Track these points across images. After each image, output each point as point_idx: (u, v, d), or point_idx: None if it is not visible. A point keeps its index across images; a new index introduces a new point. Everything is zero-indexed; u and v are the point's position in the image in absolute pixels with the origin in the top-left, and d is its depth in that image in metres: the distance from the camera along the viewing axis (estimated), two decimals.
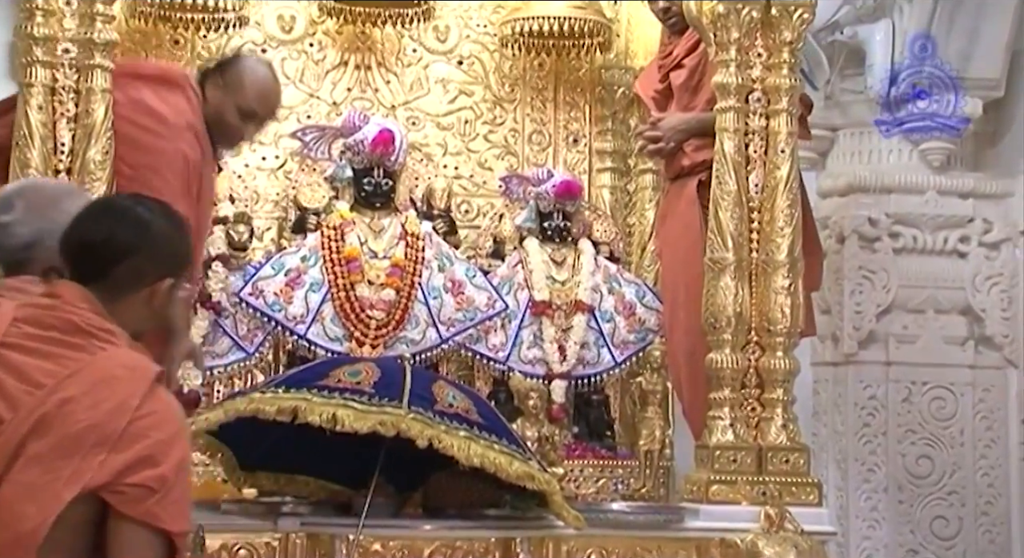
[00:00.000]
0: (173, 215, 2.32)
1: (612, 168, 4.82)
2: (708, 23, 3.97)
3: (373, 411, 3.22)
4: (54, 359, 2.04)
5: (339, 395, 3.25)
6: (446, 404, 3.32)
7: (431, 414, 3.26)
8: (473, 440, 3.26)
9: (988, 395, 5.09)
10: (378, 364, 3.46)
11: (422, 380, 3.40)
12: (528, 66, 4.84)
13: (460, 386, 3.57)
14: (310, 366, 3.67)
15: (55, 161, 3.55)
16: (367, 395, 3.25)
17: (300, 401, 3.24)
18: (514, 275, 4.50)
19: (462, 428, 3.27)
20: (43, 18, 3.57)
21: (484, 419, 3.35)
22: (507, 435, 3.39)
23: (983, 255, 5.12)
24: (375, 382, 3.30)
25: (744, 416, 3.90)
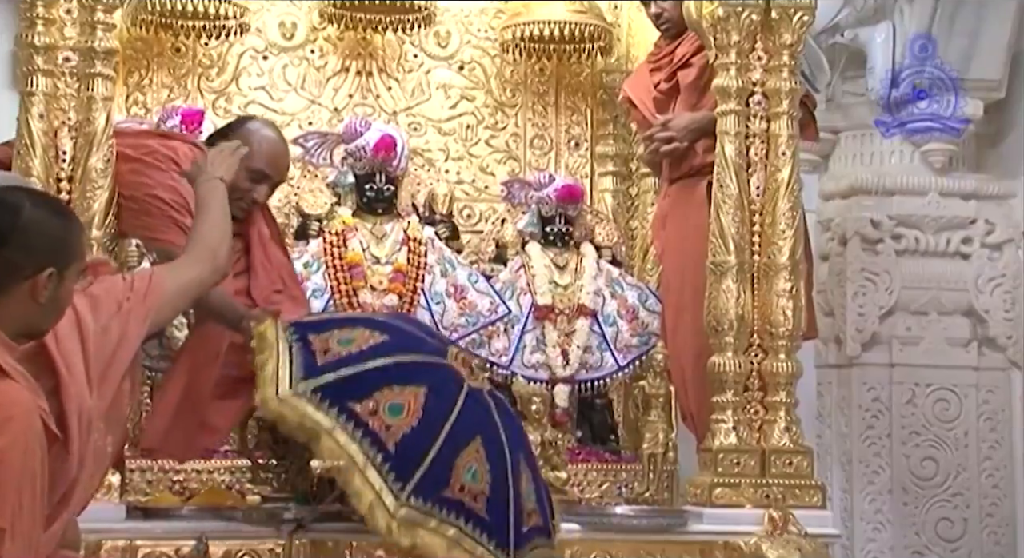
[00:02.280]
0: (50, 201, 2.31)
1: (614, 172, 4.83)
2: (708, 26, 3.97)
3: (371, 487, 3.04)
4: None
5: (361, 440, 3.05)
6: (457, 488, 3.09)
7: (430, 503, 3.06)
8: (456, 543, 3.06)
9: (992, 396, 5.09)
10: (428, 392, 3.16)
11: (455, 444, 3.12)
12: (529, 71, 4.85)
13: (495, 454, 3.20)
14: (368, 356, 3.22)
15: (56, 169, 3.55)
16: (384, 456, 3.05)
17: (322, 428, 3.06)
18: (516, 280, 4.50)
19: (454, 525, 3.07)
20: (44, 27, 3.57)
21: (489, 510, 3.11)
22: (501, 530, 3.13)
23: (986, 256, 5.13)
24: (405, 435, 3.07)
25: (747, 419, 3.90)
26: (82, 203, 3.52)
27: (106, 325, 2.47)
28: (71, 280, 2.29)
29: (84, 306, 2.43)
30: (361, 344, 3.21)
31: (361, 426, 3.06)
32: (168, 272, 2.83)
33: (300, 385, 3.11)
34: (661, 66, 4.37)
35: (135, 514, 3.60)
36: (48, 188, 3.49)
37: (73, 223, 2.32)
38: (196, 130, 4.17)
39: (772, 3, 3.93)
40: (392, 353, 3.20)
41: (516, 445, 3.28)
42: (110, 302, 2.51)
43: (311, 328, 3.29)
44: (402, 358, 3.21)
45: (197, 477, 4.03)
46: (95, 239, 3.51)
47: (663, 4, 4.31)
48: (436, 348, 3.31)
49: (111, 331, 2.48)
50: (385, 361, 3.18)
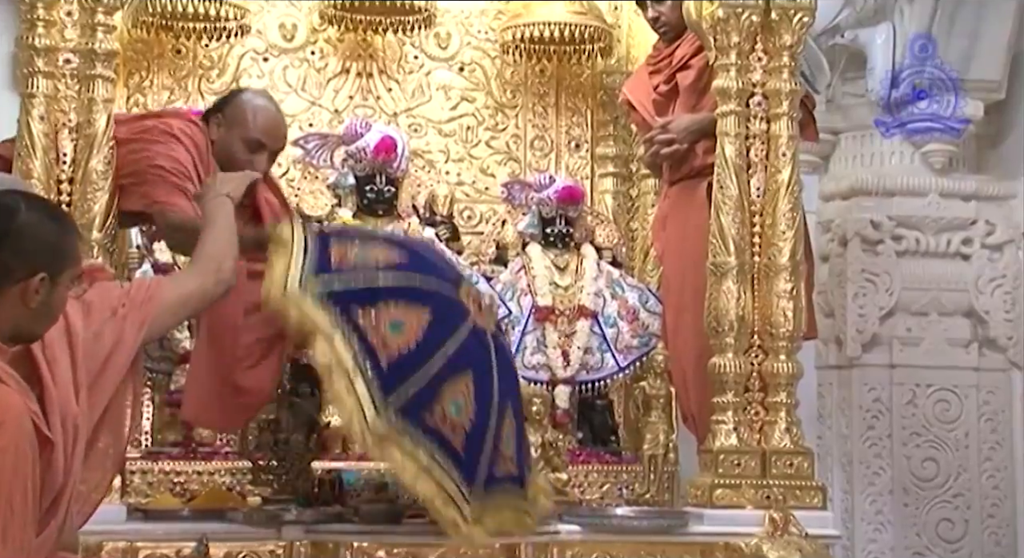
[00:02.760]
0: (46, 206, 2.30)
1: (614, 173, 4.83)
2: (708, 27, 3.97)
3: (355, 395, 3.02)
4: None
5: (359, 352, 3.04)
6: (439, 417, 3.10)
7: (409, 424, 3.06)
8: (425, 472, 3.07)
9: (992, 397, 5.09)
10: (432, 317, 3.14)
11: (447, 371, 3.12)
12: (529, 72, 4.85)
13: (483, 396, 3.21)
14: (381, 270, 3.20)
15: (57, 171, 3.55)
16: (376, 370, 3.03)
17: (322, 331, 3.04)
18: (517, 281, 4.50)
19: (427, 452, 3.06)
20: (44, 29, 3.58)
21: (465, 446, 3.12)
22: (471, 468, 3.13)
23: (986, 257, 5.13)
24: (401, 354, 3.07)
25: (748, 420, 3.90)
26: (82, 205, 3.53)
27: (98, 331, 2.47)
28: (64, 286, 2.28)
29: (75, 311, 2.42)
30: (380, 258, 3.21)
31: (360, 336, 3.05)
32: (169, 281, 2.84)
33: (309, 285, 3.08)
34: (660, 68, 4.37)
35: (136, 515, 3.60)
36: (48, 190, 3.50)
37: (68, 228, 2.32)
38: None
39: (772, 4, 3.93)
40: (406, 271, 3.20)
41: (507, 391, 3.29)
42: (104, 308, 2.50)
43: (335, 234, 3.30)
44: (415, 281, 3.20)
45: (198, 479, 4.04)
46: (95, 241, 3.51)
47: (660, 8, 4.31)
48: (451, 278, 3.31)
49: (104, 337, 2.47)
50: (397, 280, 3.17)
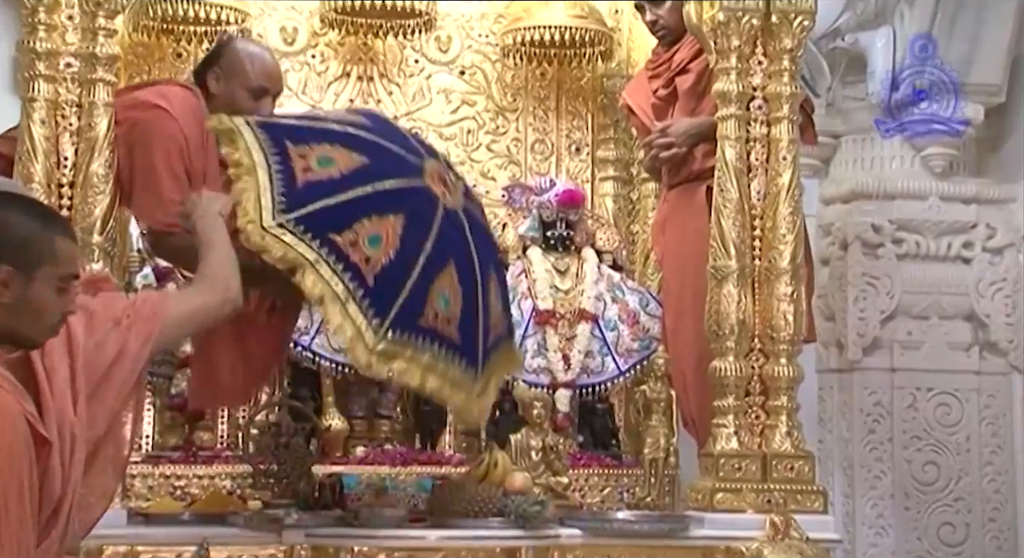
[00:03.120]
0: (31, 204, 2.29)
1: (615, 177, 4.83)
2: (708, 31, 3.97)
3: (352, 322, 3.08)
4: None
5: (343, 273, 3.08)
6: (431, 316, 3.19)
7: (406, 335, 3.13)
8: (429, 369, 3.18)
9: (993, 401, 5.09)
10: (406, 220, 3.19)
11: (431, 272, 3.19)
12: (530, 76, 4.85)
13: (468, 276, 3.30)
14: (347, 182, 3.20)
15: (58, 175, 3.55)
16: (364, 290, 3.09)
17: (305, 262, 3.06)
18: (517, 284, 4.50)
19: (428, 351, 3.17)
20: (45, 33, 3.57)
21: (460, 332, 3.23)
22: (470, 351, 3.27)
23: (987, 261, 5.13)
24: (383, 267, 3.12)
25: (748, 424, 3.90)
26: (83, 208, 3.53)
27: (101, 341, 2.45)
28: (44, 284, 2.26)
29: (77, 321, 2.41)
30: (342, 167, 3.21)
31: (343, 259, 3.09)
32: (176, 297, 2.83)
33: (281, 216, 3.09)
34: (659, 73, 4.38)
35: (136, 520, 3.60)
36: (49, 194, 3.50)
37: (51, 227, 2.29)
38: None
39: (772, 8, 3.93)
40: (372, 180, 3.21)
41: (486, 260, 3.38)
42: (107, 318, 2.49)
43: (287, 133, 3.26)
44: (381, 185, 3.22)
45: (198, 483, 4.03)
46: (96, 244, 3.51)
47: (658, 11, 4.32)
48: (414, 167, 3.32)
49: (106, 347, 2.46)
50: (365, 190, 3.19)
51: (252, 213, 3.07)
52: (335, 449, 4.23)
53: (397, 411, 4.44)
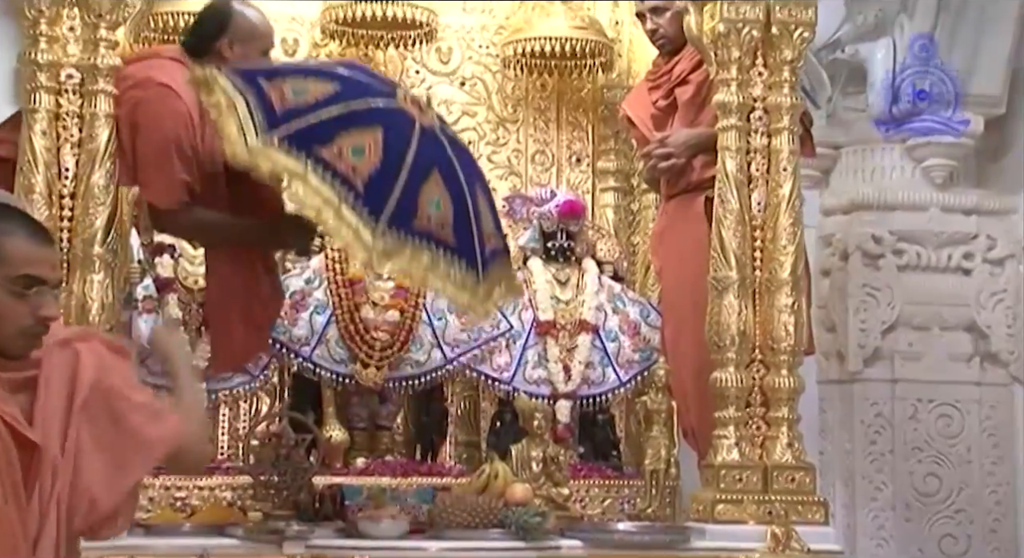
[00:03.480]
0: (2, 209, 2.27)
1: (615, 187, 4.84)
2: (709, 42, 3.98)
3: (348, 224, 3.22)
4: None
5: (332, 181, 3.23)
6: (425, 219, 3.33)
7: (402, 234, 3.28)
8: (431, 268, 3.33)
9: (995, 412, 5.08)
10: (385, 132, 3.35)
11: (417, 177, 3.34)
12: (531, 87, 4.86)
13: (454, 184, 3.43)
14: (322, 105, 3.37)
15: (59, 186, 3.56)
16: (355, 195, 3.24)
17: (295, 174, 3.22)
18: None
19: (427, 251, 3.32)
20: (47, 44, 3.58)
21: (455, 236, 3.38)
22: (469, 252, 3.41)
23: (987, 272, 5.12)
24: (371, 174, 3.28)
25: (749, 435, 3.90)
26: (84, 219, 3.53)
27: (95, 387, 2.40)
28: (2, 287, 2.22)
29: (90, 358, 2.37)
30: (316, 95, 3.36)
31: (330, 169, 3.24)
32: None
33: (265, 136, 3.26)
34: (659, 84, 4.39)
35: (137, 531, 3.59)
36: (50, 205, 3.51)
37: (14, 231, 2.23)
38: None
39: (773, 19, 3.94)
40: (345, 100, 3.37)
41: (470, 174, 3.53)
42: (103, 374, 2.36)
43: (260, 74, 3.44)
44: (355, 105, 3.38)
45: (199, 494, 4.03)
46: (96, 255, 3.52)
47: (658, 20, 4.32)
48: (386, 91, 3.49)
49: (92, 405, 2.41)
50: (340, 110, 3.34)
51: (237, 138, 3.25)
52: (335, 460, 4.22)
53: (397, 422, 4.44)
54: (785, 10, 3.94)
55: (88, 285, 3.54)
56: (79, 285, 3.53)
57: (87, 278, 3.53)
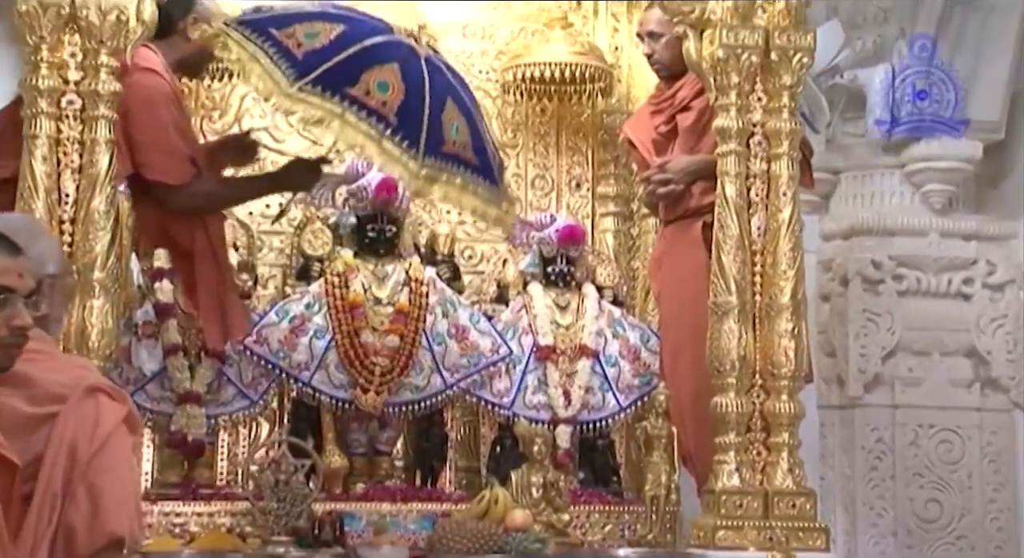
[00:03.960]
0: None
1: (615, 212, 4.84)
2: (708, 68, 3.99)
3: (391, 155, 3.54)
4: None
5: (368, 118, 3.52)
6: (450, 143, 3.64)
7: (438, 160, 3.60)
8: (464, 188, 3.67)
9: (996, 438, 5.07)
10: (400, 66, 3.61)
11: (437, 106, 3.62)
12: (530, 112, 4.87)
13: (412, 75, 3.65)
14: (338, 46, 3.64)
15: (59, 211, 3.56)
16: (389, 127, 3.53)
17: (333, 115, 3.51)
18: (518, 320, 4.50)
19: (459, 174, 3.65)
20: (48, 70, 3.59)
21: (476, 157, 3.68)
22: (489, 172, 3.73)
23: (987, 297, 5.13)
24: (399, 107, 3.55)
25: (750, 460, 3.89)
26: (84, 245, 3.53)
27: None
28: None
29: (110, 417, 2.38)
30: (328, 36, 3.61)
31: (364, 107, 3.53)
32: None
33: (296, 83, 3.53)
34: (662, 109, 4.40)
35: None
36: (50, 230, 3.49)
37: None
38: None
39: (771, 45, 3.96)
40: (356, 41, 3.61)
41: (471, 97, 3.85)
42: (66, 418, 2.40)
43: (269, 23, 3.66)
44: (367, 42, 3.62)
45: (198, 520, 4.01)
46: (96, 281, 3.52)
47: (654, 45, 4.34)
48: (383, 27, 3.73)
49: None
50: (356, 48, 3.60)
51: (271, 87, 3.52)
52: (335, 486, 4.21)
53: (397, 448, 4.43)
54: (784, 36, 3.96)
55: (88, 310, 3.53)
56: (79, 310, 3.52)
57: (87, 303, 3.53)
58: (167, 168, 3.75)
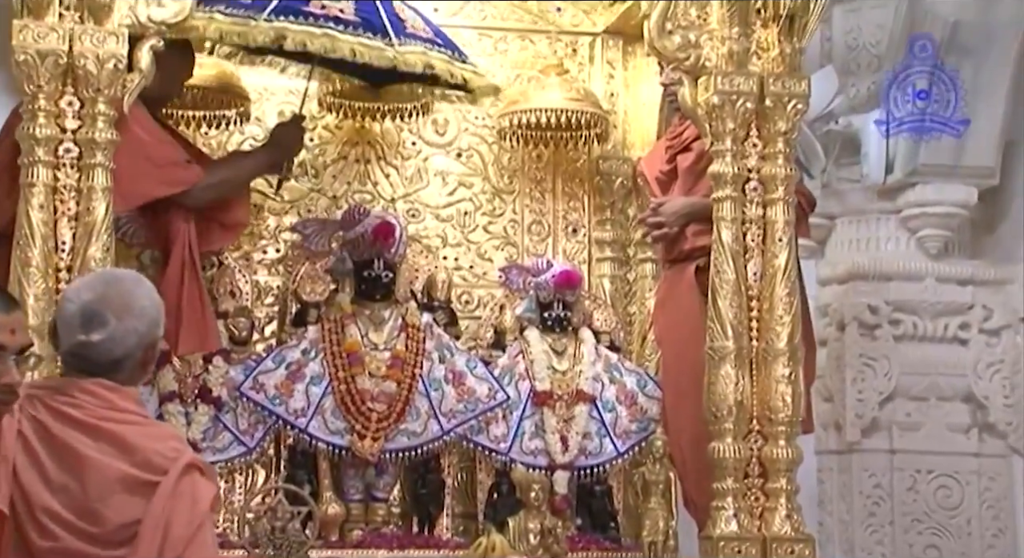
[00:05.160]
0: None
1: (611, 257, 4.84)
2: (703, 114, 4.01)
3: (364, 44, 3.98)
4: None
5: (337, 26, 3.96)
6: (409, 25, 4.11)
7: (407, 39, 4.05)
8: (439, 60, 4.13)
9: (994, 483, 5.06)
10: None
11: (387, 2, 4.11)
12: (526, 157, 4.88)
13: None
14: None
15: (56, 259, 3.56)
16: (354, 26, 3.98)
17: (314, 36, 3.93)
18: (515, 365, 4.49)
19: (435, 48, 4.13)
20: (45, 119, 3.60)
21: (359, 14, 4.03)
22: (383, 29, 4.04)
23: (984, 342, 5.13)
24: (355, 9, 4.00)
25: (748, 506, 3.88)
26: None
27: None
28: None
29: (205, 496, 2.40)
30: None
31: (320, 18, 3.96)
32: None
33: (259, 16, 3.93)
34: (672, 145, 4.42)
35: None
36: (47, 278, 3.51)
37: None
38: None
39: (766, 91, 3.98)
40: None
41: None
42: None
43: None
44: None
45: None
46: None
47: (672, 75, 4.31)
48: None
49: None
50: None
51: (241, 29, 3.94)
52: (332, 533, 4.19)
53: (394, 494, 4.41)
54: (779, 83, 3.98)
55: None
56: None
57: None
58: (180, 176, 3.94)
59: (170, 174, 3.93)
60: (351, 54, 3.99)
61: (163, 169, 3.90)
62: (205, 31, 3.91)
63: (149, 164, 3.84)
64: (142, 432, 2.40)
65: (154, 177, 3.86)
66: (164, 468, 2.35)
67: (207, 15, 3.88)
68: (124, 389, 2.42)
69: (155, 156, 3.88)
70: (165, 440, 2.42)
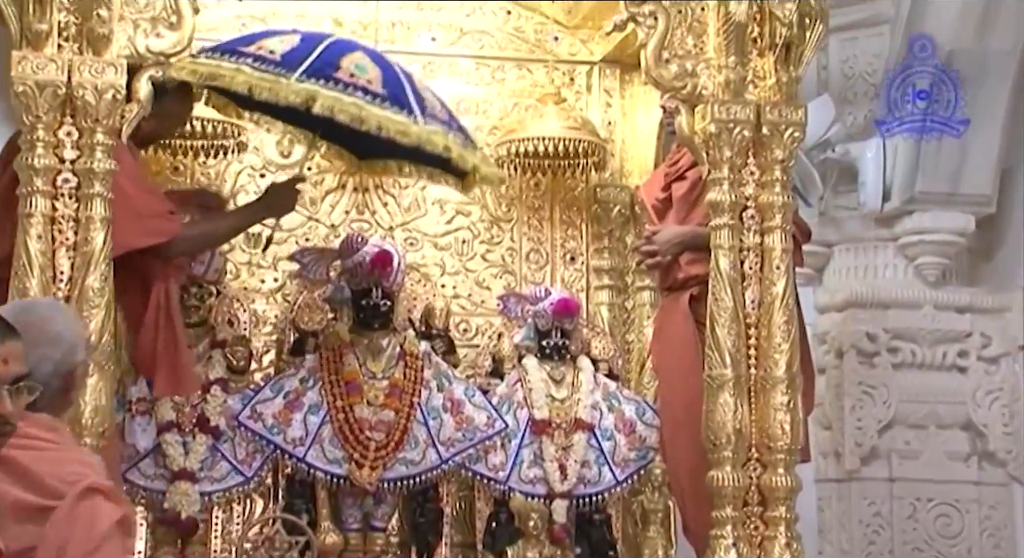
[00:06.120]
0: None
1: (609, 285, 4.84)
2: (700, 142, 4.02)
3: (391, 118, 3.80)
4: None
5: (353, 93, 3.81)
6: (431, 106, 3.93)
7: (427, 118, 3.87)
8: (451, 142, 3.91)
9: (994, 512, 5.04)
10: (363, 50, 4.01)
11: (409, 77, 3.99)
12: (524, 186, 4.89)
13: (379, 59, 3.99)
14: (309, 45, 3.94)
15: (54, 289, 3.56)
16: (381, 98, 3.84)
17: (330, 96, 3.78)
18: (513, 394, 4.49)
19: (444, 128, 3.93)
20: (44, 149, 3.61)
21: (386, 88, 3.88)
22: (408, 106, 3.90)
23: (983, 370, 5.13)
24: (383, 80, 3.88)
25: (747, 535, 3.86)
26: None
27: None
28: None
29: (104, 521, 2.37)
30: (291, 43, 3.92)
31: (349, 86, 3.82)
32: None
33: (291, 76, 3.79)
34: (670, 173, 4.42)
35: None
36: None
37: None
38: None
39: (763, 120, 3.99)
40: (319, 40, 3.96)
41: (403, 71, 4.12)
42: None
43: (233, 44, 3.94)
44: (328, 42, 3.97)
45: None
46: (91, 359, 3.50)
47: (671, 104, 4.32)
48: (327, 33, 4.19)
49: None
50: (324, 45, 3.93)
51: (272, 85, 3.77)
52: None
53: (392, 523, 4.40)
54: (775, 111, 3.99)
55: (82, 388, 3.52)
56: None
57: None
58: (161, 227, 3.86)
59: (153, 225, 3.84)
60: (376, 127, 3.82)
61: (146, 220, 3.83)
62: (232, 82, 3.80)
63: (132, 214, 3.76)
64: (40, 457, 2.38)
65: (137, 228, 3.77)
66: (61, 493, 2.33)
67: (234, 66, 3.80)
68: (32, 416, 2.39)
69: (139, 207, 3.80)
70: (66, 464, 2.40)
